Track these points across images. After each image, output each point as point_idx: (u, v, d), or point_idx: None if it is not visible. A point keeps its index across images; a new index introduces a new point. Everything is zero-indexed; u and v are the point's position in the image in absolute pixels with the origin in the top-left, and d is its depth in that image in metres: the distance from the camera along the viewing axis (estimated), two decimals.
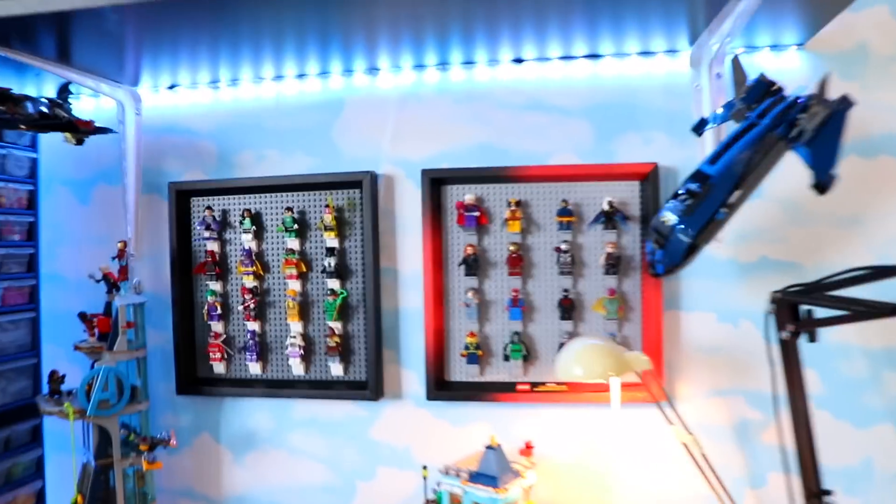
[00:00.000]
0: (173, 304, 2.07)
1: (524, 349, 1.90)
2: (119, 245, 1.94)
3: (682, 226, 1.38)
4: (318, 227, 2.00)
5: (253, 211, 2.04)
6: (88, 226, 2.19)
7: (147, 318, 1.97)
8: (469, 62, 1.91)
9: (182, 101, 2.11)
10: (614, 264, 1.85)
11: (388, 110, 1.99)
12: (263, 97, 2.06)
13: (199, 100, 2.10)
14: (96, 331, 1.92)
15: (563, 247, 1.86)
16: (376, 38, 1.73)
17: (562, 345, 1.87)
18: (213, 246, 2.07)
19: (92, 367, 1.89)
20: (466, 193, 1.92)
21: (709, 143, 1.71)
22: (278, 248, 2.05)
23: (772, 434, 1.81)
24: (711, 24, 1.60)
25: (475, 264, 1.91)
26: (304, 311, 2.03)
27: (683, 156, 1.84)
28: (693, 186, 1.40)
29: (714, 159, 1.41)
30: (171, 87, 2.09)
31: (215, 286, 2.07)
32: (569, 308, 1.87)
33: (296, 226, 1.99)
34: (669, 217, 1.41)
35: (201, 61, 1.87)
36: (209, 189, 2.07)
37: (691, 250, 1.40)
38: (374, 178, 1.95)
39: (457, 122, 1.96)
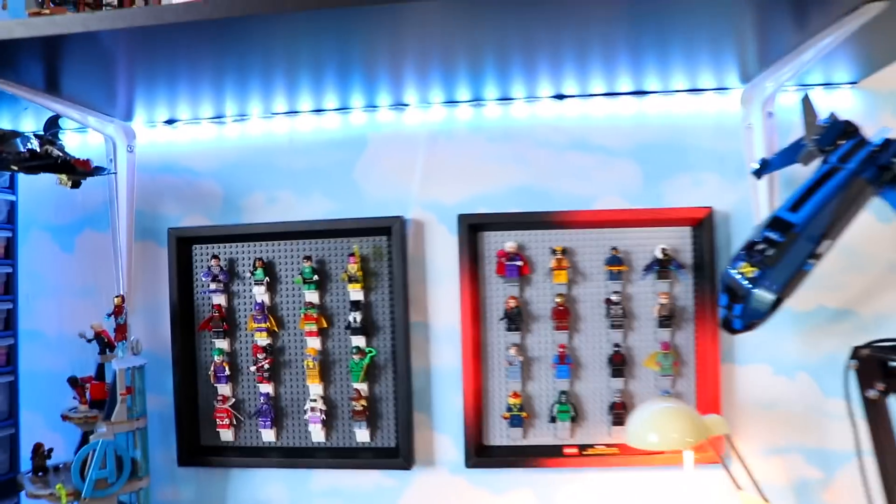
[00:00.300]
0: (174, 364, 1.85)
1: (572, 409, 1.74)
2: (115, 300, 1.69)
3: (767, 280, 1.26)
4: (341, 279, 1.81)
5: (265, 260, 1.84)
6: (73, 276, 1.94)
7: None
8: (505, 98, 1.77)
9: (182, 138, 1.90)
10: (668, 316, 1.71)
11: (416, 149, 1.82)
12: (275, 133, 1.87)
13: (201, 136, 1.89)
14: (88, 397, 1.69)
15: (614, 298, 1.72)
16: (403, 71, 1.56)
17: (613, 404, 1.74)
18: (220, 299, 1.85)
19: (82, 438, 1.67)
20: (506, 240, 1.76)
21: (762, 186, 1.61)
22: (294, 302, 1.85)
23: (833, 494, 1.71)
24: (769, 69, 1.51)
25: (518, 318, 1.75)
26: (325, 372, 1.83)
27: (735, 199, 1.73)
28: (773, 235, 1.28)
29: (795, 206, 1.30)
30: (170, 121, 1.88)
31: (222, 344, 1.85)
32: (620, 364, 1.73)
33: (315, 277, 1.80)
34: (747, 269, 1.29)
35: (203, 93, 1.66)
36: (215, 235, 1.86)
37: (775, 305, 1.29)
38: (403, 223, 1.78)
39: (492, 163, 1.80)
